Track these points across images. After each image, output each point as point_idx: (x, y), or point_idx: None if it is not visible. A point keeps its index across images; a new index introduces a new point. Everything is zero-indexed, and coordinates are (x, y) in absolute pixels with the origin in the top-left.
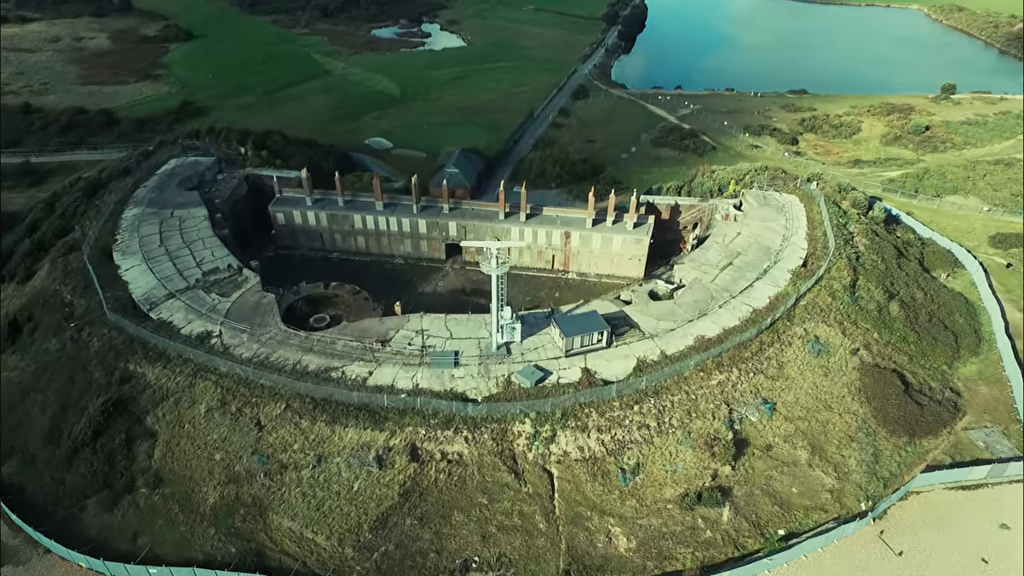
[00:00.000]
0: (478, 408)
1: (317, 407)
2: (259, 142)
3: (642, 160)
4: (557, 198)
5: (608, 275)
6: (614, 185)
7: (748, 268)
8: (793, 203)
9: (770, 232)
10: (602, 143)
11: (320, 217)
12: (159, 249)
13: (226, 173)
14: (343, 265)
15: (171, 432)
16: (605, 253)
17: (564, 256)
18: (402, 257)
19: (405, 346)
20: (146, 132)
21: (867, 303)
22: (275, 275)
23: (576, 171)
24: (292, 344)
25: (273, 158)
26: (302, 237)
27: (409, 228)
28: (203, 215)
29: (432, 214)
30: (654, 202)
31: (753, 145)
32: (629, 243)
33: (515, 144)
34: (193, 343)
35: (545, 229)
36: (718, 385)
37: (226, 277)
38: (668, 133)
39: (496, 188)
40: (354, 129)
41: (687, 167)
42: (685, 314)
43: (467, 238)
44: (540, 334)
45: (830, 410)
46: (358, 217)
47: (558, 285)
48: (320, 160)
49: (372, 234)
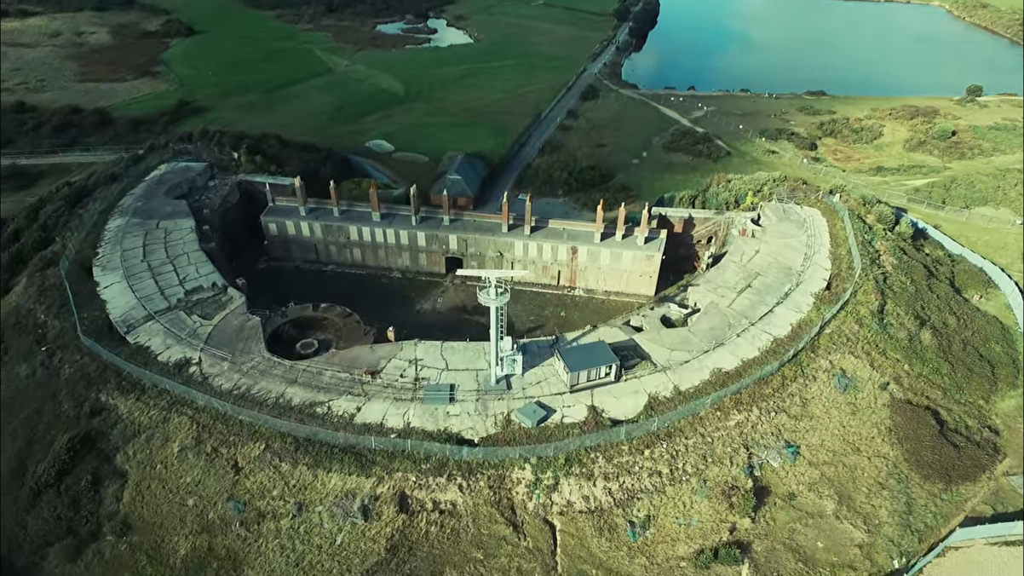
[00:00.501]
0: (474, 452)
1: (299, 448)
2: (254, 146)
3: (653, 166)
4: (564, 207)
5: (617, 292)
6: (624, 193)
7: (768, 291)
8: (815, 217)
9: (791, 250)
10: (611, 147)
11: (314, 228)
12: (141, 264)
13: (218, 179)
14: (338, 279)
15: (141, 473)
16: (614, 269)
17: (571, 272)
18: (400, 271)
19: (397, 378)
20: (141, 133)
21: (897, 331)
22: (266, 288)
23: (584, 178)
24: (276, 374)
25: (268, 163)
26: (295, 248)
27: (407, 241)
28: (190, 227)
29: (432, 226)
30: (666, 215)
31: (770, 150)
32: (640, 259)
33: (521, 148)
34: (170, 372)
35: (551, 244)
36: (736, 426)
37: (210, 297)
38: (680, 137)
39: (501, 195)
40: (355, 131)
41: (701, 174)
42: (700, 343)
43: (468, 252)
44: (543, 365)
45: (859, 453)
46: (354, 228)
47: (564, 303)
48: (317, 165)
49: (368, 246)
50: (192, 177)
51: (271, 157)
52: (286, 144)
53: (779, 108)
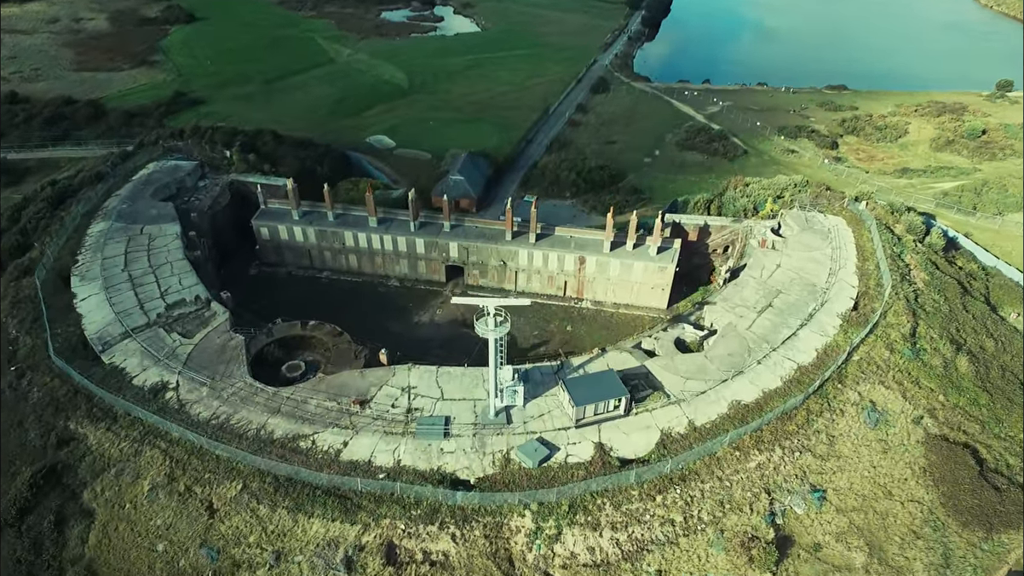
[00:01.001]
0: (469, 497)
1: (279, 488)
2: (247, 143)
3: (666, 166)
4: (572, 210)
5: (627, 305)
6: (635, 196)
7: (790, 311)
8: (839, 227)
9: (815, 264)
10: (622, 145)
11: (308, 233)
12: (122, 275)
13: (209, 179)
14: (332, 287)
15: (109, 513)
16: (624, 281)
17: (578, 283)
18: (398, 278)
19: (388, 408)
20: (134, 126)
21: (931, 357)
22: (256, 296)
23: (593, 179)
24: (258, 402)
25: (261, 162)
26: (288, 254)
27: (406, 248)
28: (175, 232)
29: (431, 232)
30: (680, 222)
31: (789, 150)
32: (652, 271)
33: (528, 145)
34: (145, 398)
35: (557, 253)
36: (757, 468)
37: (192, 312)
38: (695, 134)
39: (505, 197)
40: (356, 125)
41: (716, 175)
42: (717, 372)
43: (469, 260)
44: (547, 395)
45: (890, 498)
46: (349, 234)
47: (570, 316)
48: (314, 163)
49: (365, 253)
50: (181, 177)
51: (265, 155)
52: (282, 141)
53: (798, 103)
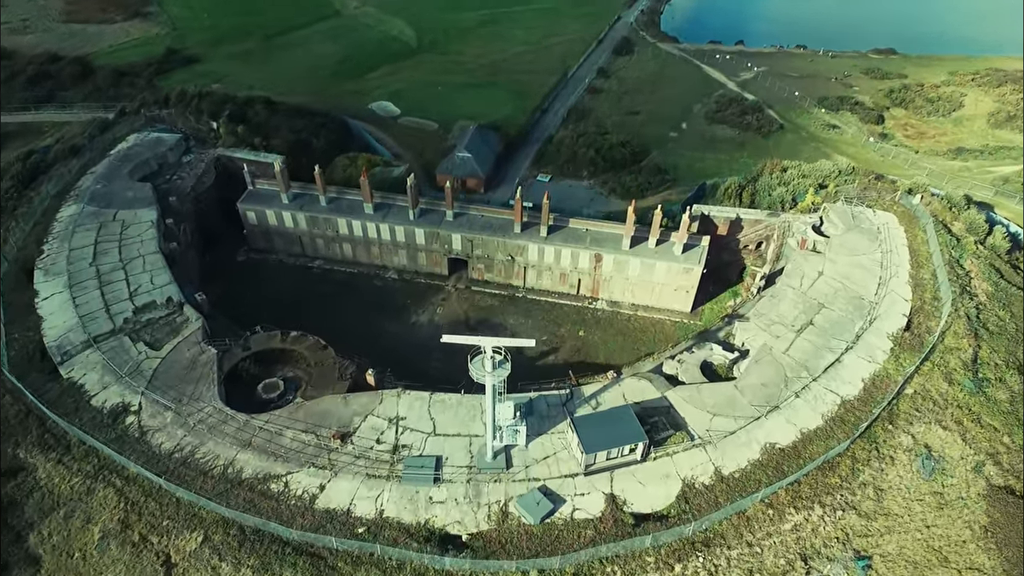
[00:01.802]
0: (459, 563)
1: (244, 543)
2: (237, 113)
3: (694, 141)
4: (589, 192)
5: (646, 306)
6: (658, 176)
7: (834, 330)
8: (890, 225)
9: (862, 271)
10: (646, 116)
11: (298, 219)
12: (89, 269)
13: (194, 154)
14: (325, 278)
15: (56, 562)
16: (645, 281)
17: (593, 281)
18: (396, 270)
19: (372, 444)
20: (123, 87)
21: (995, 389)
22: (241, 287)
23: (614, 156)
24: (227, 432)
25: (252, 134)
26: (278, 240)
27: (404, 238)
28: (151, 220)
29: (432, 222)
30: (710, 215)
31: (830, 124)
32: (676, 272)
33: (543, 115)
34: (103, 424)
35: (571, 249)
36: (793, 530)
37: (162, 317)
38: (726, 105)
39: (517, 175)
40: (358, 89)
41: (749, 154)
42: (749, 406)
43: (473, 253)
44: (553, 432)
45: (946, 565)
46: (343, 222)
47: (583, 318)
48: (310, 135)
49: (360, 242)
50: (163, 152)
51: (256, 126)
52: (275, 109)
53: (841, 70)
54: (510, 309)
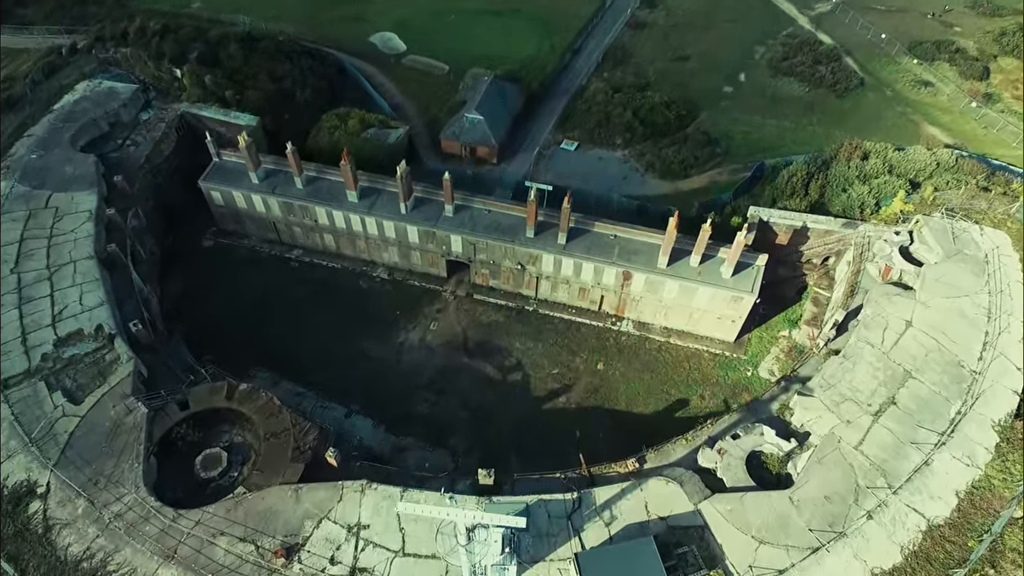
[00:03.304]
0: None
1: None
2: (207, 55)
3: (752, 100)
4: (622, 166)
5: (681, 331)
6: (706, 148)
7: (922, 413)
8: (1002, 250)
9: (963, 321)
10: (697, 62)
11: (270, 204)
12: (10, 278)
13: (154, 110)
14: (302, 274)
15: None
16: (682, 305)
17: (619, 299)
18: (387, 267)
19: (324, 565)
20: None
21: None
22: (202, 284)
23: (655, 121)
24: (150, 534)
25: (223, 85)
26: (251, 224)
27: (395, 234)
28: (89, 209)
29: (428, 217)
30: (770, 221)
31: (922, 81)
32: (722, 300)
33: (574, 57)
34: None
35: (594, 264)
36: None
37: (88, 353)
38: (795, 50)
39: (537, 138)
40: (359, 15)
41: (820, 120)
42: (807, 529)
43: (476, 258)
44: (551, 560)
45: None
46: (322, 211)
47: (604, 344)
48: (295, 83)
49: (344, 234)
50: (115, 109)
51: (230, 73)
52: (253, 48)
53: (940, 2)
54: (517, 328)
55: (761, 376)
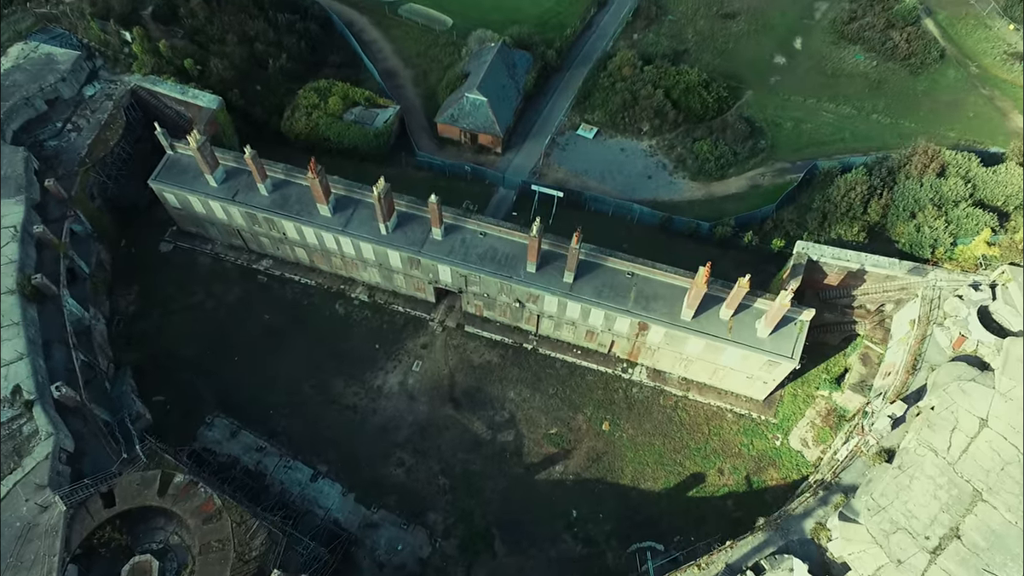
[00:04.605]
0: None
1: None
2: (164, 11)
3: (808, 77)
4: (648, 160)
5: (703, 385)
6: (747, 142)
7: (993, 552)
8: None
9: None
10: (747, 22)
11: (231, 213)
12: None
13: (101, 83)
14: (271, 292)
15: None
16: (707, 360)
17: (632, 346)
18: (367, 287)
19: None
20: None
21: None
22: (160, 296)
23: (690, 105)
24: None
25: (181, 53)
26: (213, 228)
27: (374, 257)
28: (14, 225)
29: (413, 240)
30: (820, 260)
31: (1016, 54)
32: (756, 363)
33: (599, 13)
34: None
35: (604, 311)
36: None
37: (5, 423)
38: (864, 8)
39: (550, 121)
40: None
41: (887, 107)
42: None
43: (469, 289)
44: None
45: None
46: (290, 226)
47: (611, 397)
48: (270, 46)
49: (317, 250)
50: (54, 83)
51: (193, 33)
52: None
53: None
54: (513, 372)
55: (792, 447)
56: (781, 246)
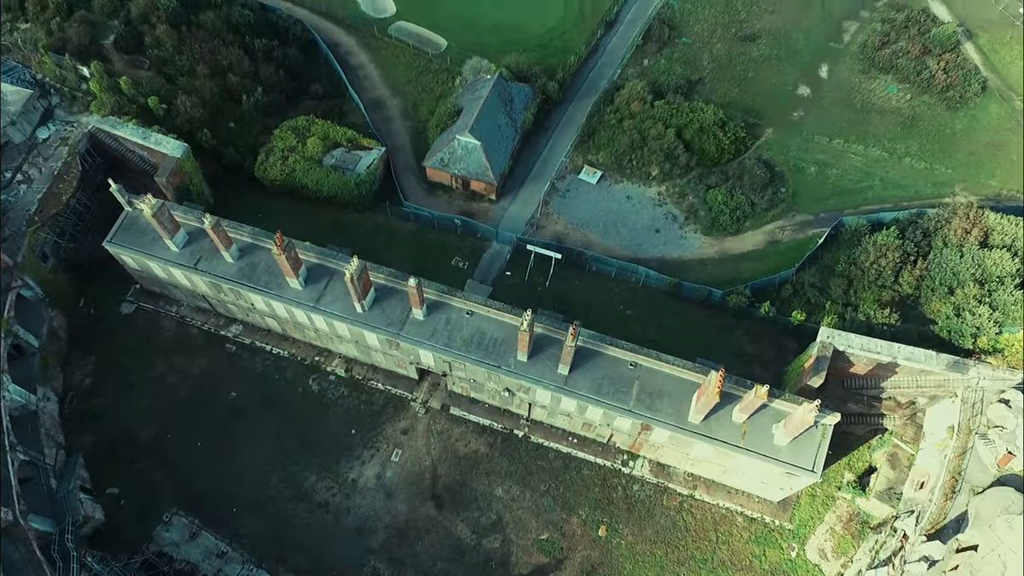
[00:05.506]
0: None
1: None
2: (126, 40)
3: (834, 112)
4: (656, 211)
5: (711, 483)
6: (765, 191)
7: None
8: None
9: None
10: (768, 46)
11: (194, 281)
12: None
13: (57, 124)
14: (238, 364)
15: None
16: (716, 462)
17: (633, 441)
18: (344, 359)
19: None
20: None
21: None
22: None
23: (703, 146)
24: None
25: (145, 90)
26: (177, 290)
27: (350, 335)
28: None
29: (392, 319)
30: (847, 351)
31: None
32: (771, 472)
33: (607, 35)
34: None
35: (603, 409)
36: None
37: None
38: (898, 31)
39: (551, 164)
40: None
41: (921, 151)
42: None
43: (453, 374)
44: None
45: None
46: (258, 299)
47: (610, 496)
48: (245, 77)
49: (289, 322)
50: (2, 127)
51: (160, 64)
52: (195, 23)
53: None
54: (502, 464)
55: (809, 559)
56: (802, 320)
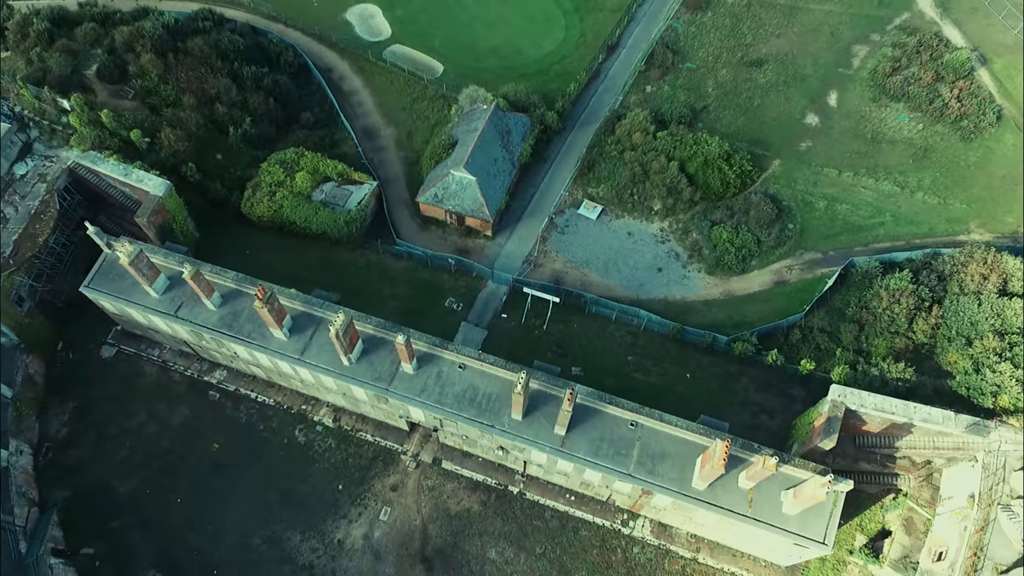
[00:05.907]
0: None
1: None
2: (109, 69)
3: (843, 143)
4: (658, 249)
5: (715, 545)
6: (771, 227)
7: None
8: None
9: None
10: (775, 72)
11: (175, 329)
12: None
13: (36, 159)
14: (226, 411)
15: None
16: (722, 528)
17: (634, 502)
18: (331, 409)
19: None
20: None
21: None
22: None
23: (708, 181)
24: None
25: (128, 122)
26: (159, 334)
27: (336, 388)
28: None
29: (380, 373)
30: (859, 410)
31: None
32: (780, 543)
33: (609, 59)
34: None
35: (602, 473)
36: None
37: None
38: (910, 56)
39: (549, 197)
40: None
41: (934, 186)
42: None
43: (446, 429)
44: None
45: None
46: (241, 349)
47: (608, 560)
48: (232, 108)
49: (274, 371)
50: None
51: (145, 94)
52: (181, 50)
53: None
54: (495, 524)
55: None
56: (811, 369)
